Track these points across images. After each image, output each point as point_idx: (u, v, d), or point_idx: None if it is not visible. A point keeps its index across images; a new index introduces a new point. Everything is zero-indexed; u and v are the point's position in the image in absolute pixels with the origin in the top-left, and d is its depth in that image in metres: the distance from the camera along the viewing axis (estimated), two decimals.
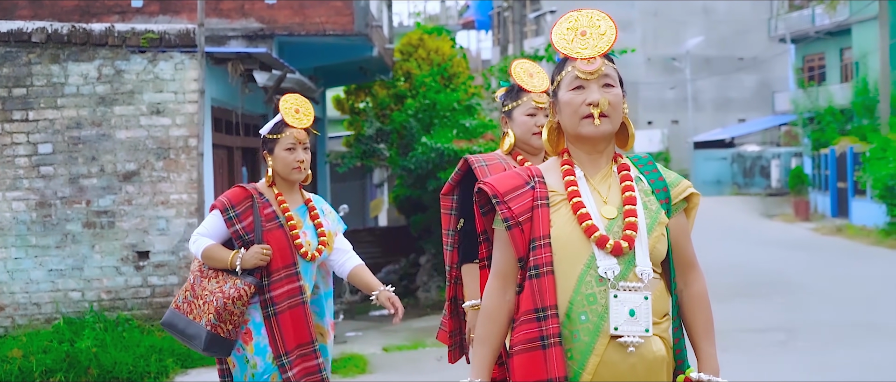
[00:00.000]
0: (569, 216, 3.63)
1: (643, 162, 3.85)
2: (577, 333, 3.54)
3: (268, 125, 6.07)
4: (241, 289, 5.78)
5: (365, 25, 15.79)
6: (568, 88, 3.70)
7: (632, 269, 3.57)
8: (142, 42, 12.01)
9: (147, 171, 12.11)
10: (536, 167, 3.82)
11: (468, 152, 16.11)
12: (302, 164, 5.96)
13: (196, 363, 11.36)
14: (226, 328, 5.79)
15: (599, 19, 3.76)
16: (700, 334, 3.78)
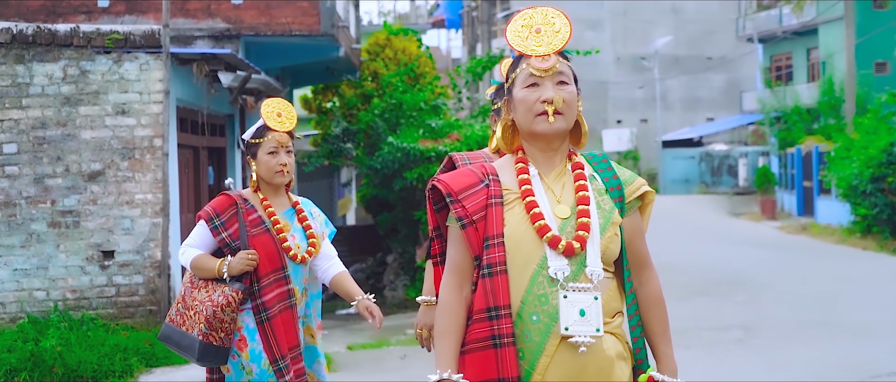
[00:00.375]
0: (522, 216, 3.62)
1: (597, 160, 3.83)
2: (528, 333, 3.53)
3: (250, 130, 6.05)
4: (230, 296, 5.75)
5: (331, 26, 15.81)
6: (522, 85, 3.70)
7: (583, 270, 3.56)
8: (107, 43, 12.03)
9: (112, 171, 12.11)
10: (491, 165, 3.80)
11: (434, 152, 16.28)
12: (285, 167, 5.92)
13: (161, 362, 11.37)
14: (218, 337, 5.76)
15: (554, 17, 3.76)
16: (656, 334, 3.78)
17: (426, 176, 16.38)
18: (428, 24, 56.55)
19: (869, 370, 10.18)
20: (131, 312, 12.15)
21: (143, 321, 12.10)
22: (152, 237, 12.14)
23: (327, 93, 21.00)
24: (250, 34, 15.71)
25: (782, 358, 11.01)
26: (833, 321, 13.27)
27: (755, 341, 12.19)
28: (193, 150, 14.25)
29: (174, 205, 12.64)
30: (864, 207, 25.50)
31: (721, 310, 14.41)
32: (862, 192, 25.52)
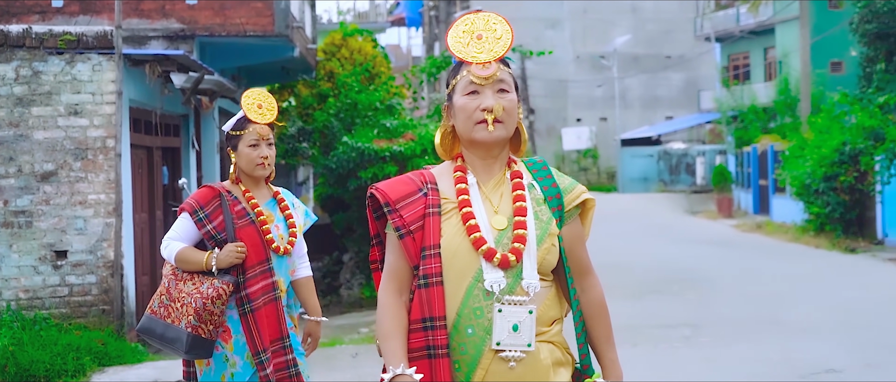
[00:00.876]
0: (459, 227, 3.60)
1: (538, 167, 3.80)
2: (464, 346, 3.53)
3: (230, 122, 6.00)
4: (220, 288, 5.70)
5: (285, 26, 15.87)
6: (462, 92, 3.66)
7: (519, 282, 3.54)
8: (59, 44, 12.07)
9: (65, 171, 12.15)
10: (430, 172, 3.78)
11: (388, 152, 16.39)
12: (266, 160, 5.89)
13: (113, 361, 11.42)
14: (207, 329, 5.72)
15: (496, 23, 3.72)
16: (600, 340, 3.77)
17: (380, 176, 16.46)
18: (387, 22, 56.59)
19: (807, 367, 10.38)
20: (84, 312, 12.19)
21: (95, 321, 12.14)
22: (105, 237, 12.19)
23: (283, 92, 21.08)
24: (205, 35, 15.71)
25: (725, 356, 11.19)
26: (778, 319, 13.48)
27: (701, 339, 12.38)
28: (147, 150, 14.29)
29: (127, 205, 12.69)
30: (817, 205, 25.81)
31: (670, 308, 14.60)
32: (815, 191, 25.84)
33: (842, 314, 13.68)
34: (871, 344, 11.53)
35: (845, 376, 9.99)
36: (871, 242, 24.45)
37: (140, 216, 13.88)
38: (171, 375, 11.16)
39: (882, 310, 14.07)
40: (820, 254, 22.79)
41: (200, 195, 5.90)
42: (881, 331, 12.39)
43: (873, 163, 24.23)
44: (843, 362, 10.59)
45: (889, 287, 16.50)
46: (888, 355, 10.95)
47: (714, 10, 52.89)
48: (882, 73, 27.24)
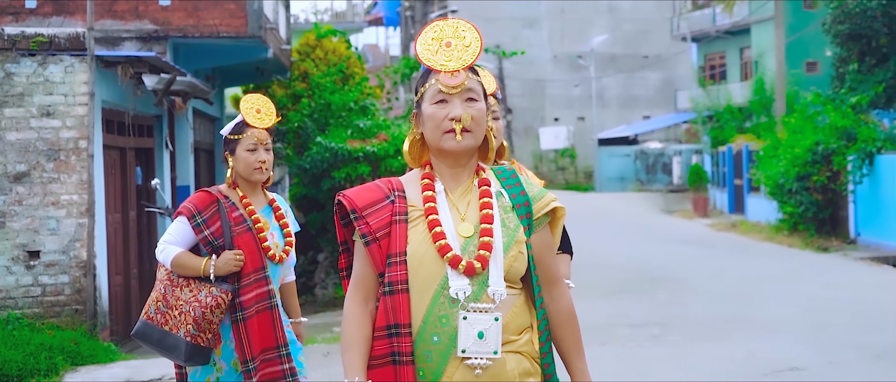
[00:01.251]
0: (425, 234, 3.59)
1: (506, 175, 3.79)
2: (429, 353, 3.53)
3: (229, 126, 5.95)
4: (218, 297, 5.65)
5: (258, 28, 15.96)
6: (431, 101, 3.65)
7: (485, 290, 3.53)
8: (32, 45, 12.13)
9: (37, 172, 12.22)
10: (398, 180, 3.76)
11: (361, 152, 16.51)
12: (263, 164, 5.85)
13: (86, 360, 11.50)
14: (205, 338, 5.67)
15: (465, 30, 3.71)
16: (569, 349, 3.75)
17: (354, 176, 16.61)
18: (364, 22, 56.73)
19: (771, 365, 10.54)
20: (57, 311, 12.26)
21: (68, 321, 12.21)
22: (78, 238, 12.26)
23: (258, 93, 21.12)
24: (178, 36, 15.80)
25: (691, 355, 11.35)
26: (745, 318, 13.65)
27: (668, 337, 12.52)
28: (120, 151, 14.38)
29: (100, 206, 12.77)
30: (791, 205, 26.01)
31: (640, 307, 14.74)
32: (788, 190, 26.02)
33: (808, 313, 13.85)
34: (835, 343, 11.71)
35: (807, 374, 10.15)
36: (844, 241, 24.65)
37: (113, 217, 13.96)
38: (143, 374, 11.25)
39: (848, 309, 14.26)
40: (792, 253, 22.97)
41: (198, 200, 5.88)
42: (845, 330, 12.57)
43: (845, 163, 24.46)
44: (807, 360, 10.75)
45: (857, 286, 16.69)
46: (851, 353, 11.13)
47: (690, 11, 53.15)
48: (854, 73, 27.54)
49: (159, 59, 13.32)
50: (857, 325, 12.92)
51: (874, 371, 10.25)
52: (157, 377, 11.30)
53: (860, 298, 15.30)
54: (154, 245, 15.23)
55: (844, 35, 27.37)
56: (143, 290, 15.19)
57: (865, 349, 11.32)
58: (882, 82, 26.28)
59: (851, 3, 26.88)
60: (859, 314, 13.79)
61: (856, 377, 9.99)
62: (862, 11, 26.62)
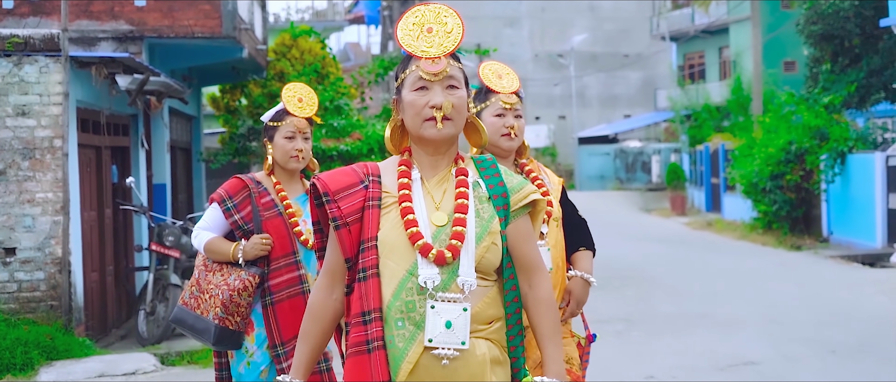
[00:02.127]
0: (397, 220, 3.56)
1: (486, 165, 3.76)
2: (392, 338, 3.50)
3: (270, 113, 6.03)
4: (246, 280, 5.69)
5: (233, 28, 16.12)
6: (411, 88, 3.62)
7: (454, 279, 3.51)
8: (7, 46, 12.31)
9: (13, 170, 12.41)
10: (375, 165, 3.74)
11: (335, 151, 16.69)
12: (300, 153, 5.87)
13: (61, 355, 11.70)
14: (234, 321, 5.72)
15: (447, 16, 3.66)
16: (545, 335, 3.68)
17: None
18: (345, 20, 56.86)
19: (728, 360, 10.81)
20: (33, 307, 12.46)
21: (44, 316, 12.41)
22: (53, 235, 12.46)
23: (235, 92, 21.29)
24: (154, 36, 15.95)
25: (652, 350, 11.59)
26: (710, 314, 13.90)
27: (632, 333, 12.76)
28: (96, 149, 14.54)
29: (75, 203, 12.93)
30: (765, 204, 26.29)
31: (607, 304, 14.95)
32: (762, 189, 26.29)
33: (770, 310, 14.13)
34: (792, 338, 11.98)
35: (762, 368, 10.42)
36: (817, 239, 24.95)
37: (89, 214, 14.13)
38: (117, 369, 11.48)
39: (809, 306, 14.53)
40: (765, 251, 23.26)
41: (229, 186, 5.92)
42: (804, 326, 12.85)
43: (818, 162, 24.74)
44: (762, 355, 11.02)
45: (821, 284, 16.96)
46: (806, 348, 11.41)
47: (670, 10, 53.45)
48: (827, 73, 27.74)
49: (133, 59, 13.49)
50: (816, 321, 13.20)
51: (826, 365, 10.52)
52: (130, 370, 11.53)
53: (823, 295, 15.58)
54: (130, 243, 15.51)
55: (817, 36, 27.58)
56: (118, 286, 15.42)
57: (821, 344, 11.60)
58: (854, 82, 26.50)
59: (823, 4, 27.12)
60: (819, 311, 14.06)
61: (808, 371, 10.27)
62: (834, 13, 26.82)
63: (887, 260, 20.79)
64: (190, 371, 11.82)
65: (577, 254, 5.42)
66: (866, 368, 10.36)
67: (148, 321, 13.89)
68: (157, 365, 11.91)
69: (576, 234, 5.45)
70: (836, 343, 11.64)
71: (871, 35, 26.91)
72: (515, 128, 5.19)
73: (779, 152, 25.83)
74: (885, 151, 22.60)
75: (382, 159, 12.27)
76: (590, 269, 5.37)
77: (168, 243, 14.07)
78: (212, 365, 11.87)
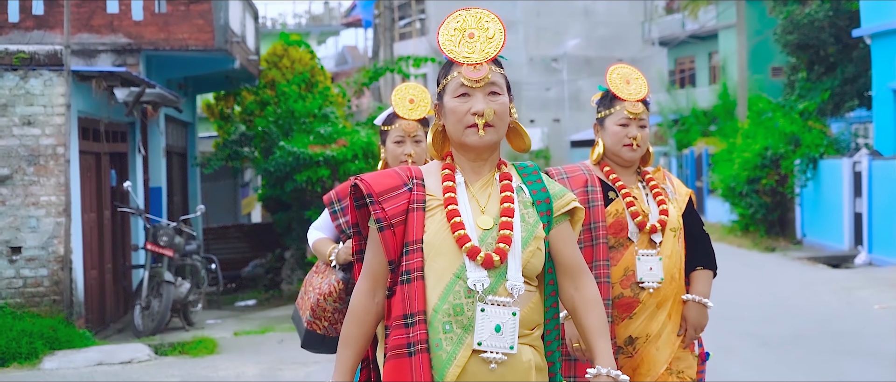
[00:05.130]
0: (443, 223, 3.51)
1: (528, 171, 3.72)
2: (439, 342, 3.44)
3: (382, 115, 5.81)
4: (332, 285, 5.52)
5: (224, 41, 16.71)
6: (453, 94, 3.58)
7: (502, 283, 3.46)
8: (14, 61, 13.12)
9: (19, 175, 13.18)
10: (418, 168, 3.67)
11: (322, 157, 17.44)
12: (410, 157, 5.62)
13: (63, 345, 12.43)
14: (321, 325, 5.56)
15: (488, 21, 3.63)
16: (595, 332, 3.63)
17: (314, 179, 17.45)
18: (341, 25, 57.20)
19: None
20: (37, 301, 13.18)
21: (47, 310, 13.13)
22: (56, 235, 13.23)
23: (228, 99, 21.71)
24: (150, 49, 16.53)
25: None
26: None
27: None
28: (96, 156, 15.16)
29: (76, 206, 13.66)
30: (742, 207, 26.78)
31: None
32: (740, 193, 26.76)
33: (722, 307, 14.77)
34: (733, 332, 12.70)
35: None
36: (791, 242, 25.54)
37: (89, 216, 14.75)
38: (114, 358, 12.21)
39: (758, 303, 15.32)
40: (740, 253, 23.74)
41: (341, 188, 5.63)
42: (747, 321, 13.61)
43: (792, 167, 25.28)
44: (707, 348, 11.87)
45: (778, 283, 17.68)
46: (743, 340, 12.19)
47: (662, 15, 53.93)
48: (803, 81, 28.31)
49: (130, 73, 14.19)
50: (760, 317, 13.94)
51: (756, 356, 11.33)
52: (126, 359, 12.23)
53: (775, 293, 16.31)
54: (127, 243, 16.35)
55: (793, 45, 28.10)
56: (115, 283, 16.07)
57: (757, 337, 12.39)
58: (828, 90, 27.05)
59: (799, 14, 27.72)
60: (766, 308, 14.79)
61: (737, 361, 11.06)
62: (810, 23, 27.21)
63: (852, 262, 21.58)
64: (181, 360, 12.51)
65: (694, 274, 5.29)
66: (792, 359, 11.15)
67: (143, 314, 14.63)
68: (151, 355, 12.60)
69: (696, 250, 5.31)
70: (772, 336, 12.42)
71: (845, 44, 27.29)
72: (638, 139, 5.12)
73: (755, 157, 26.29)
74: (851, 157, 23.22)
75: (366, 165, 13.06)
76: (706, 291, 5.24)
77: (162, 242, 14.89)
78: (202, 355, 12.86)
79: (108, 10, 16.48)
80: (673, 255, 5.13)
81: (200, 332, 14.76)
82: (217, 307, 18.70)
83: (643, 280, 5.11)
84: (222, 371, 11.77)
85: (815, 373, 10.29)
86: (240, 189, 29.04)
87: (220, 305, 19.15)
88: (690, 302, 5.21)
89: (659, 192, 5.21)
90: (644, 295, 5.11)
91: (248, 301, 19.90)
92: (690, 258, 5.28)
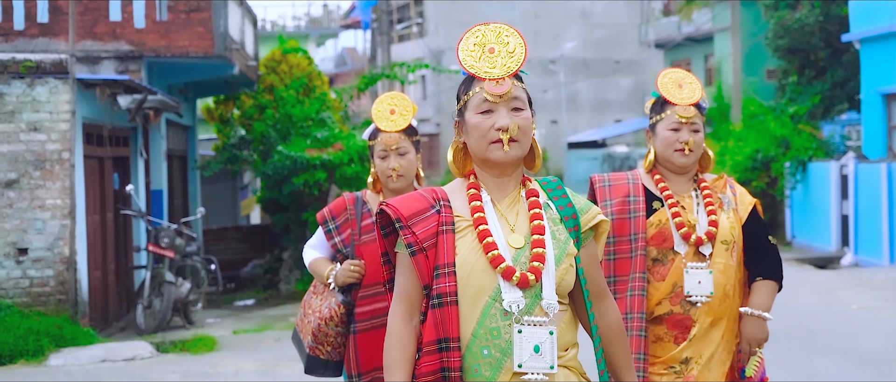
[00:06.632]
0: (474, 245, 3.41)
1: (552, 187, 3.62)
2: (478, 367, 3.35)
3: (368, 130, 5.56)
4: (333, 309, 5.31)
5: (224, 48, 17.03)
6: (476, 110, 3.48)
7: (538, 302, 3.36)
8: (21, 69, 13.46)
9: (26, 179, 13.50)
10: (442, 189, 3.57)
11: (318, 160, 17.76)
12: (395, 171, 5.33)
13: (68, 343, 12.78)
14: (324, 350, 5.37)
15: (508, 36, 3.55)
16: (622, 365, 3.61)
17: (311, 182, 17.79)
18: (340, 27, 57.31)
19: None
20: (43, 301, 13.51)
21: (53, 309, 13.47)
22: (61, 237, 13.57)
23: (228, 103, 22.04)
24: (152, 55, 16.87)
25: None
26: None
27: None
28: (99, 160, 15.49)
29: (80, 209, 14.00)
30: None
31: None
32: None
33: None
34: None
35: None
36: (781, 243, 25.61)
37: (93, 218, 15.09)
38: (117, 355, 12.57)
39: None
40: None
41: (334, 205, 5.51)
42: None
43: (782, 169, 25.59)
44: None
45: None
46: None
47: (659, 18, 54.18)
48: (794, 85, 28.62)
49: (133, 81, 14.59)
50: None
51: None
52: (129, 356, 12.60)
53: None
54: (129, 244, 16.75)
55: (784, 49, 28.40)
56: (118, 283, 16.43)
57: None
58: (819, 94, 27.34)
59: (789, 19, 28.01)
60: None
61: None
62: (800, 28, 27.47)
63: (838, 263, 21.95)
64: (182, 357, 12.88)
65: (755, 284, 4.99)
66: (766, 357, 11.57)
67: (145, 313, 15.01)
68: (153, 352, 12.97)
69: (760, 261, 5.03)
70: None
71: (835, 49, 27.63)
72: (690, 143, 4.91)
73: (746, 160, 26.61)
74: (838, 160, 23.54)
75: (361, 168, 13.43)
76: (765, 303, 4.91)
77: (164, 244, 15.28)
78: (202, 352, 13.26)
79: (111, 17, 16.81)
80: (726, 269, 4.88)
81: (201, 330, 15.11)
82: (216, 307, 19.02)
83: (691, 294, 4.87)
84: (222, 367, 12.14)
85: (786, 372, 10.52)
86: (239, 192, 29.32)
87: (220, 304, 19.46)
88: (747, 317, 4.89)
89: (712, 201, 4.94)
90: (696, 312, 4.88)
91: (246, 301, 20.23)
92: (752, 270, 4.99)
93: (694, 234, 4.91)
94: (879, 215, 20.56)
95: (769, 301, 4.88)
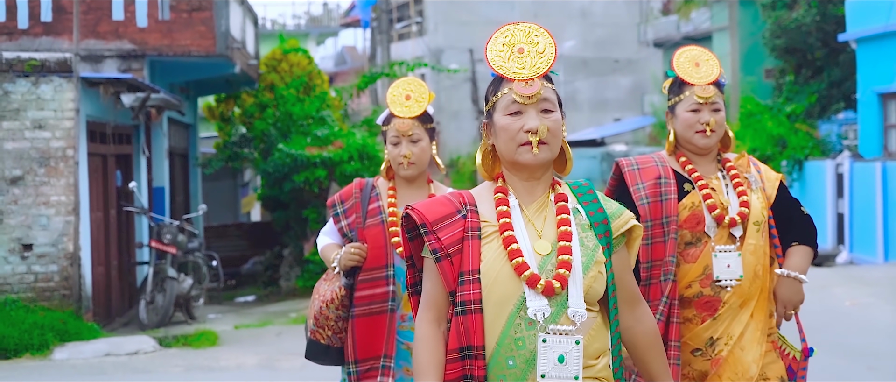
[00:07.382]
0: (500, 251, 3.31)
1: (583, 190, 3.51)
2: (503, 378, 3.25)
3: (382, 115, 5.46)
4: (334, 291, 5.21)
5: (225, 47, 17.22)
6: (504, 112, 3.38)
7: (564, 311, 3.25)
8: (26, 68, 13.65)
9: (31, 176, 13.70)
10: (469, 193, 3.47)
11: (318, 158, 17.95)
12: (406, 158, 5.23)
13: (72, 337, 12.98)
14: (324, 334, 5.27)
15: (538, 36, 3.47)
16: (658, 371, 3.55)
17: (312, 179, 17.97)
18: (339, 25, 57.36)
19: None
20: (48, 295, 13.70)
21: (57, 304, 13.66)
22: (65, 233, 13.76)
23: (229, 102, 22.22)
24: (154, 54, 17.06)
25: None
26: None
27: None
28: (102, 157, 15.69)
29: (84, 205, 14.19)
30: None
31: None
32: None
33: None
34: None
35: None
36: None
37: (96, 215, 15.27)
38: (121, 349, 12.80)
39: None
40: None
41: (344, 190, 5.44)
42: None
43: (779, 168, 25.46)
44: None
45: None
46: None
47: (658, 17, 54.26)
48: (791, 84, 28.74)
49: (136, 80, 14.79)
50: None
51: None
52: (132, 350, 12.84)
53: None
54: (132, 240, 16.93)
55: (781, 49, 28.50)
56: (121, 279, 16.63)
57: None
58: (815, 93, 27.46)
59: (786, 19, 28.13)
60: None
61: None
62: (797, 27, 27.53)
63: (833, 261, 22.09)
64: (184, 351, 13.08)
65: (789, 249, 4.90)
66: None
67: (148, 308, 15.22)
68: (155, 347, 13.18)
69: (794, 230, 4.93)
70: None
71: (832, 48, 27.67)
72: (711, 124, 4.80)
73: None
74: (834, 159, 23.67)
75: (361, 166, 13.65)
76: (801, 266, 4.81)
77: (166, 240, 15.47)
78: (204, 346, 13.44)
79: (114, 16, 16.98)
80: (756, 250, 4.77)
81: (202, 325, 15.32)
82: (218, 303, 19.23)
83: (720, 278, 4.76)
84: (223, 361, 12.34)
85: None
86: (240, 189, 29.47)
87: (221, 300, 19.66)
88: (782, 278, 4.79)
89: (740, 182, 4.83)
90: (726, 294, 4.76)
91: (247, 297, 20.43)
92: (785, 239, 4.88)
93: (727, 216, 4.80)
94: (874, 213, 20.71)
95: (805, 264, 4.80)
